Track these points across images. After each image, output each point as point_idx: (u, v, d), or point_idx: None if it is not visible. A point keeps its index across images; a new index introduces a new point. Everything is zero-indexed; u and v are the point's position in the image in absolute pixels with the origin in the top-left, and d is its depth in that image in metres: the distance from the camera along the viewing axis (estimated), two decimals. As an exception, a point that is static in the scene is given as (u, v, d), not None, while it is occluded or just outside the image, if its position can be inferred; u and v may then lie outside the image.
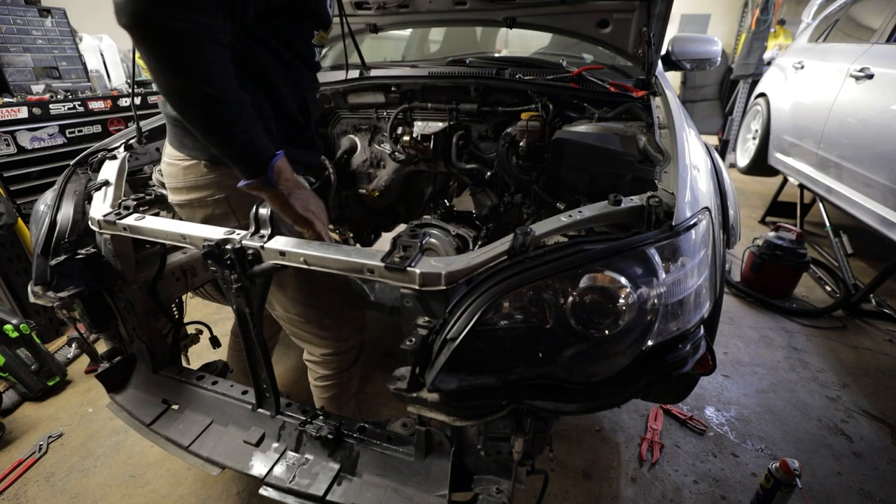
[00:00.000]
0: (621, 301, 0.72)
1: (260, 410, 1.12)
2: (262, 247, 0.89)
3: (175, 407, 1.20)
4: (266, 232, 0.91)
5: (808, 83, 3.38)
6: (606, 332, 0.73)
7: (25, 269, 2.19)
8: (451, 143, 1.71)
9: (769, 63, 4.68)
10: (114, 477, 1.53)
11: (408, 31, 2.53)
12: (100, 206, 1.13)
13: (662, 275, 0.75)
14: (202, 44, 0.74)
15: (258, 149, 0.84)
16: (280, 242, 0.89)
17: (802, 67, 3.54)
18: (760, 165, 4.10)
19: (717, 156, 1.36)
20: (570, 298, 0.72)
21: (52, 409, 1.85)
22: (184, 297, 1.52)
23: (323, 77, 1.23)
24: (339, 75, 1.82)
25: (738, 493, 1.47)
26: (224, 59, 0.78)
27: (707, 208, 0.90)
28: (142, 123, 1.40)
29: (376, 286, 1.74)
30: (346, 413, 1.40)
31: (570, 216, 0.84)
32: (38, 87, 2.65)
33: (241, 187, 0.87)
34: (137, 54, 0.96)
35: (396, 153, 1.82)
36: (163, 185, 1.29)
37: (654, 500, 1.45)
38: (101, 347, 1.37)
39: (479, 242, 1.60)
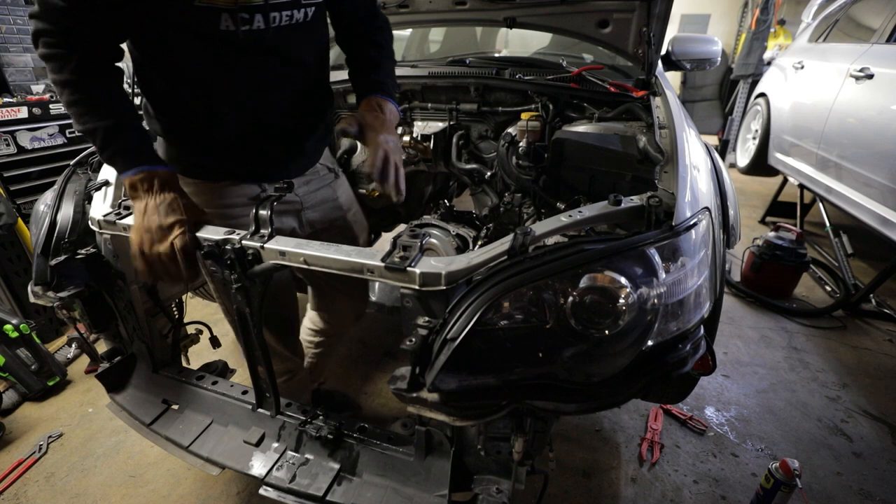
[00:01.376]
0: (621, 301, 0.72)
1: (260, 410, 1.12)
2: (261, 247, 0.89)
3: (175, 407, 1.20)
4: (266, 232, 0.91)
5: (808, 83, 3.38)
6: (606, 332, 0.73)
7: (25, 269, 2.19)
8: (451, 143, 1.71)
9: (769, 63, 4.68)
10: (114, 477, 1.53)
11: (408, 31, 2.54)
12: (100, 206, 1.12)
13: (662, 275, 0.75)
14: (67, 95, 0.84)
15: (116, 165, 0.91)
16: (280, 242, 0.89)
17: (802, 67, 3.54)
18: (760, 165, 4.09)
19: (717, 156, 1.36)
20: (571, 298, 0.72)
21: (52, 409, 1.85)
22: (184, 297, 1.52)
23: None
24: (339, 75, 1.82)
25: (738, 493, 1.47)
26: (92, 88, 0.85)
27: (707, 208, 0.90)
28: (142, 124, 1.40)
29: (376, 286, 1.74)
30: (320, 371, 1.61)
31: (570, 216, 0.84)
32: (38, 87, 2.65)
33: None
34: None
35: (396, 153, 1.82)
36: None
37: (654, 500, 1.45)
38: (101, 347, 1.37)
39: (479, 242, 1.60)
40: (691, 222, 0.82)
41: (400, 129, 1.77)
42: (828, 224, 2.99)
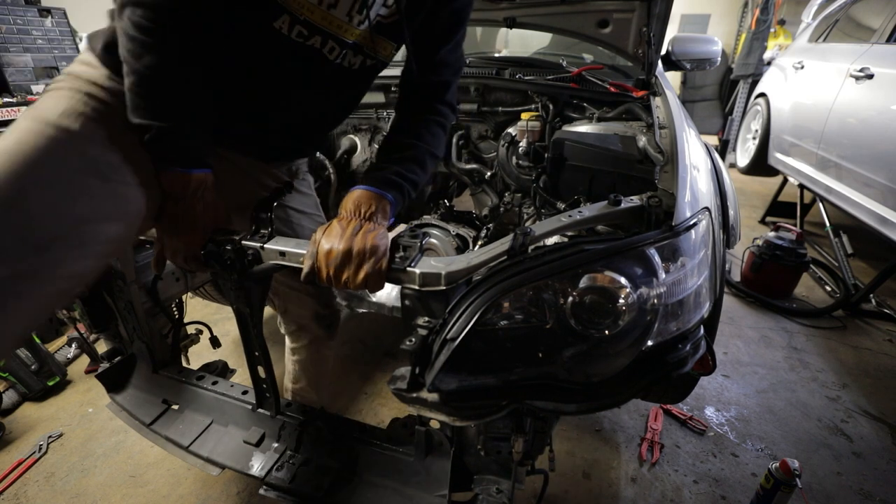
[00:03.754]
0: (621, 301, 0.72)
1: (260, 410, 1.12)
2: (261, 247, 0.89)
3: (175, 407, 1.20)
4: (266, 232, 0.91)
5: (808, 83, 3.38)
6: (606, 332, 0.73)
7: (25, 269, 2.19)
8: (450, 142, 1.71)
9: (769, 63, 4.69)
10: (114, 477, 1.53)
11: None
12: (100, 206, 1.12)
13: (662, 275, 0.75)
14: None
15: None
16: (280, 242, 0.89)
17: (802, 67, 3.54)
18: (760, 165, 4.10)
19: (717, 156, 1.36)
20: (570, 298, 0.72)
21: (52, 409, 1.85)
22: (184, 297, 1.52)
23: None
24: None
25: (738, 493, 1.47)
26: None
27: (707, 208, 0.90)
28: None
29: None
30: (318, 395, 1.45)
31: (570, 216, 0.84)
32: (38, 87, 2.65)
33: None
34: None
35: (396, 153, 1.82)
36: None
37: (654, 500, 1.45)
38: (101, 347, 1.37)
39: (480, 242, 1.60)
40: (691, 222, 0.82)
41: None
42: (828, 224, 2.99)
